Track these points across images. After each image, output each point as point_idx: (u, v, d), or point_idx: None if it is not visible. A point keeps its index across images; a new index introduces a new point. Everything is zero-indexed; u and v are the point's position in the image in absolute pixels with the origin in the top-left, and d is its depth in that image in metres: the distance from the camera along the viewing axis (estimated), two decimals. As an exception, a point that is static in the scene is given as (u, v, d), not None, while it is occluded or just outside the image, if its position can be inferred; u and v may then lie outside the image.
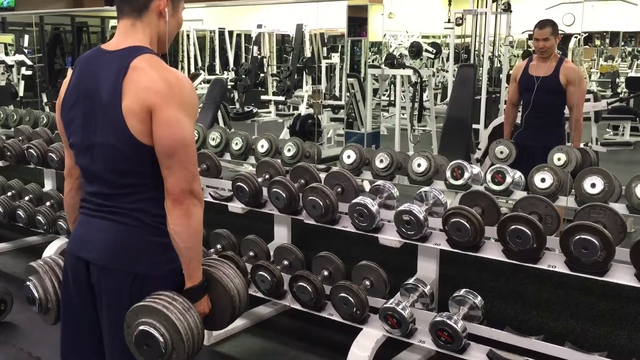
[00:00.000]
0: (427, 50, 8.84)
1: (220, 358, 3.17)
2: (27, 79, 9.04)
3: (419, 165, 3.22)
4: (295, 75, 8.56)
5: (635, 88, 8.92)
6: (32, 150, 4.03)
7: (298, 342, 3.32)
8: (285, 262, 3.23)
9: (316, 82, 8.46)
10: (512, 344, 2.61)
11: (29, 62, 9.16)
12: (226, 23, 11.47)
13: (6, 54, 9.44)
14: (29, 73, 9.03)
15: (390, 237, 2.77)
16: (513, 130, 4.17)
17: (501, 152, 3.62)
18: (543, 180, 2.95)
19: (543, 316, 3.02)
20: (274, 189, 2.99)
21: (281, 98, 8.51)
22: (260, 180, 3.17)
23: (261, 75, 10.46)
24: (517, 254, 2.45)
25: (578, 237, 2.27)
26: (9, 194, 4.34)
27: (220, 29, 11.12)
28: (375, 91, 6.49)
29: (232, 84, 8.97)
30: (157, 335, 1.59)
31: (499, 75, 7.03)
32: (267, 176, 3.23)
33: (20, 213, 4.14)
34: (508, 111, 4.22)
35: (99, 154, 1.64)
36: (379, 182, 3.05)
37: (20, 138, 4.32)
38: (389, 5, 8.49)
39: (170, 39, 1.74)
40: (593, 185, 2.80)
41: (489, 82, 6.72)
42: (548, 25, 3.84)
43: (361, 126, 6.09)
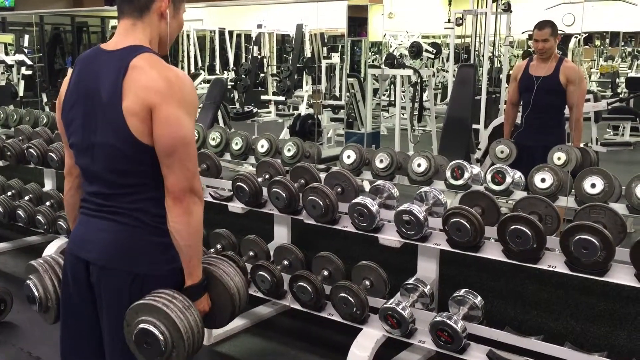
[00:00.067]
0: (427, 50, 8.84)
1: (220, 358, 3.17)
2: (27, 78, 9.04)
3: (419, 165, 3.23)
4: (295, 75, 8.55)
5: (635, 88, 8.92)
6: (32, 150, 4.03)
7: (298, 342, 3.32)
8: (285, 262, 3.23)
9: (316, 82, 8.46)
10: (512, 344, 2.61)
11: (29, 62, 9.16)
12: (226, 23, 11.47)
13: (6, 54, 9.44)
14: (29, 73, 9.03)
15: (390, 237, 2.77)
16: (513, 130, 4.17)
17: (501, 152, 3.63)
18: (543, 180, 2.95)
19: (543, 316, 3.02)
20: (274, 189, 2.99)
21: (281, 98, 8.50)
22: (260, 180, 3.17)
23: (261, 75, 10.46)
24: (517, 254, 2.45)
25: (578, 237, 2.27)
26: (9, 193, 4.34)
27: (220, 29, 11.12)
28: (375, 91, 6.48)
29: (232, 84, 8.97)
30: (157, 333, 1.59)
31: (499, 75, 7.03)
32: (267, 176, 3.23)
33: (20, 213, 4.14)
34: (508, 111, 4.22)
35: (99, 154, 1.64)
36: (379, 182, 3.05)
37: (20, 138, 4.32)
38: (389, 5, 8.49)
39: (171, 41, 1.74)
40: (593, 185, 2.80)
41: (489, 82, 6.72)
42: (547, 26, 3.83)
43: (361, 126, 6.09)
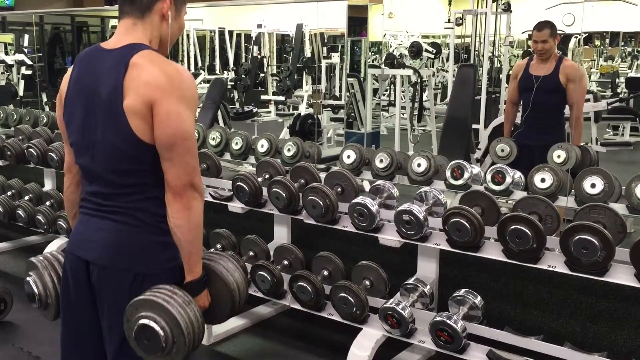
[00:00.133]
0: (427, 50, 8.83)
1: (220, 358, 3.17)
2: (27, 78, 9.04)
3: (419, 165, 3.22)
4: (295, 75, 8.53)
5: (635, 88, 8.91)
6: (32, 150, 4.03)
7: (298, 342, 3.32)
8: (285, 262, 3.23)
9: (316, 82, 8.45)
10: (512, 344, 2.61)
11: (28, 62, 9.16)
12: (226, 23, 11.47)
13: (6, 54, 9.43)
14: (29, 72, 9.03)
15: (390, 237, 2.77)
16: (513, 130, 4.17)
17: (502, 150, 3.63)
18: (543, 180, 2.95)
19: (543, 316, 3.02)
20: (274, 189, 2.99)
21: (281, 98, 8.49)
22: (260, 180, 3.17)
23: (261, 75, 10.44)
24: (517, 254, 2.45)
25: (578, 237, 2.27)
26: (9, 193, 4.34)
27: (220, 28, 11.12)
28: (375, 91, 6.48)
29: (232, 83, 8.96)
30: (158, 328, 1.58)
31: (499, 75, 7.03)
32: (267, 176, 3.23)
33: (20, 212, 4.14)
34: (508, 109, 4.23)
35: (99, 153, 1.64)
36: (379, 182, 3.05)
37: (20, 137, 4.32)
38: (389, 5, 8.49)
39: (171, 43, 1.74)
40: (593, 185, 2.80)
41: (489, 82, 6.72)
42: (546, 27, 3.83)
43: (361, 126, 6.09)
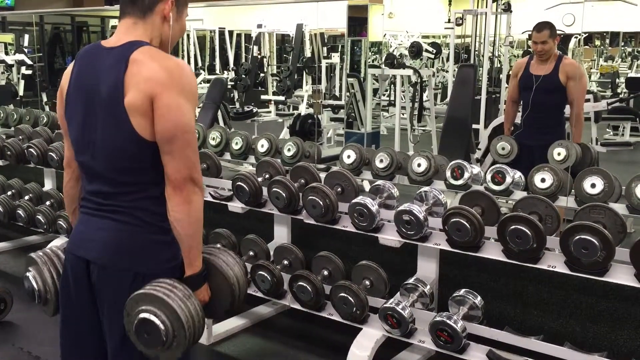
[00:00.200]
0: (427, 50, 8.84)
1: (220, 358, 3.17)
2: (27, 78, 9.04)
3: (419, 165, 3.22)
4: (295, 75, 8.54)
5: (635, 88, 8.92)
6: (32, 150, 4.03)
7: (298, 342, 3.32)
8: (285, 262, 3.23)
9: (316, 82, 8.45)
10: (512, 344, 2.61)
11: (29, 62, 9.16)
12: (226, 23, 11.47)
13: (6, 54, 9.43)
14: (29, 72, 9.03)
15: (390, 237, 2.76)
16: (513, 130, 4.17)
17: (503, 149, 3.63)
18: (543, 180, 2.95)
19: (543, 316, 3.02)
20: (274, 189, 2.99)
21: (281, 98, 8.49)
22: (260, 179, 3.17)
23: (261, 75, 10.45)
24: (517, 254, 2.45)
25: (578, 237, 2.27)
26: (9, 193, 4.34)
27: (220, 28, 11.11)
28: (375, 91, 6.48)
29: (232, 83, 8.96)
30: (158, 322, 1.57)
31: (499, 75, 7.03)
32: (267, 176, 3.23)
33: (20, 212, 4.14)
34: (508, 108, 4.23)
35: (100, 151, 1.64)
36: (379, 182, 3.05)
37: (20, 137, 4.32)
38: (389, 5, 8.49)
39: (172, 44, 1.74)
40: (593, 185, 2.80)
41: (489, 82, 6.72)
42: (546, 28, 3.82)
43: (361, 126, 6.09)
